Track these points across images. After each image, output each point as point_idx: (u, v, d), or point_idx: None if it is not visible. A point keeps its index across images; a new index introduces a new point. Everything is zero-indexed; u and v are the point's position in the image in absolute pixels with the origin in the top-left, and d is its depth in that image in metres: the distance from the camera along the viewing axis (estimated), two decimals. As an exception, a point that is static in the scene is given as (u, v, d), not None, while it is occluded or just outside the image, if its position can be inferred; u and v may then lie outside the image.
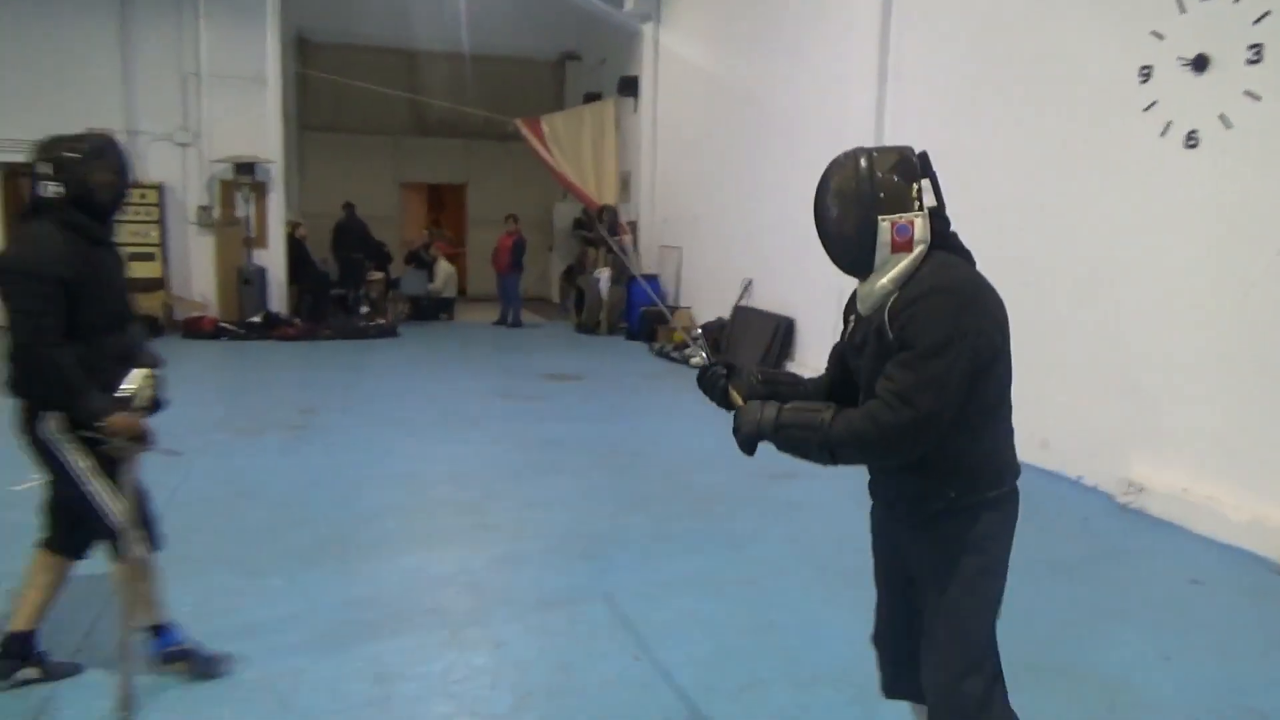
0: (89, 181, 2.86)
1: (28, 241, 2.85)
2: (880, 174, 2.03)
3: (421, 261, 14.71)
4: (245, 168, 12.48)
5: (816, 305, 9.23)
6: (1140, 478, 5.49)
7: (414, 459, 6.13)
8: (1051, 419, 6.14)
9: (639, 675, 3.28)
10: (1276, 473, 4.79)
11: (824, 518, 5.19)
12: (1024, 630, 3.73)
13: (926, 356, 1.90)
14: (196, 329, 11.97)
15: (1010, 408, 2.10)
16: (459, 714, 2.99)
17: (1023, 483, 2.14)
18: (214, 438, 6.42)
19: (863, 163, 2.05)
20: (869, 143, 7.89)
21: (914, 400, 1.89)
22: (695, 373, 2.43)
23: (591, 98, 15.72)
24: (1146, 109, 5.47)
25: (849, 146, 2.15)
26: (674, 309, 12.67)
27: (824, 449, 2.02)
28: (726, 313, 11.17)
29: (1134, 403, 5.62)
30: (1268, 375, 4.84)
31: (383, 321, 12.77)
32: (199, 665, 3.11)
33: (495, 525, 4.89)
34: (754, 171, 10.59)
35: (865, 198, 2.02)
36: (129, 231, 12.09)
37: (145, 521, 3.01)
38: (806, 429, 2.03)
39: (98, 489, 2.81)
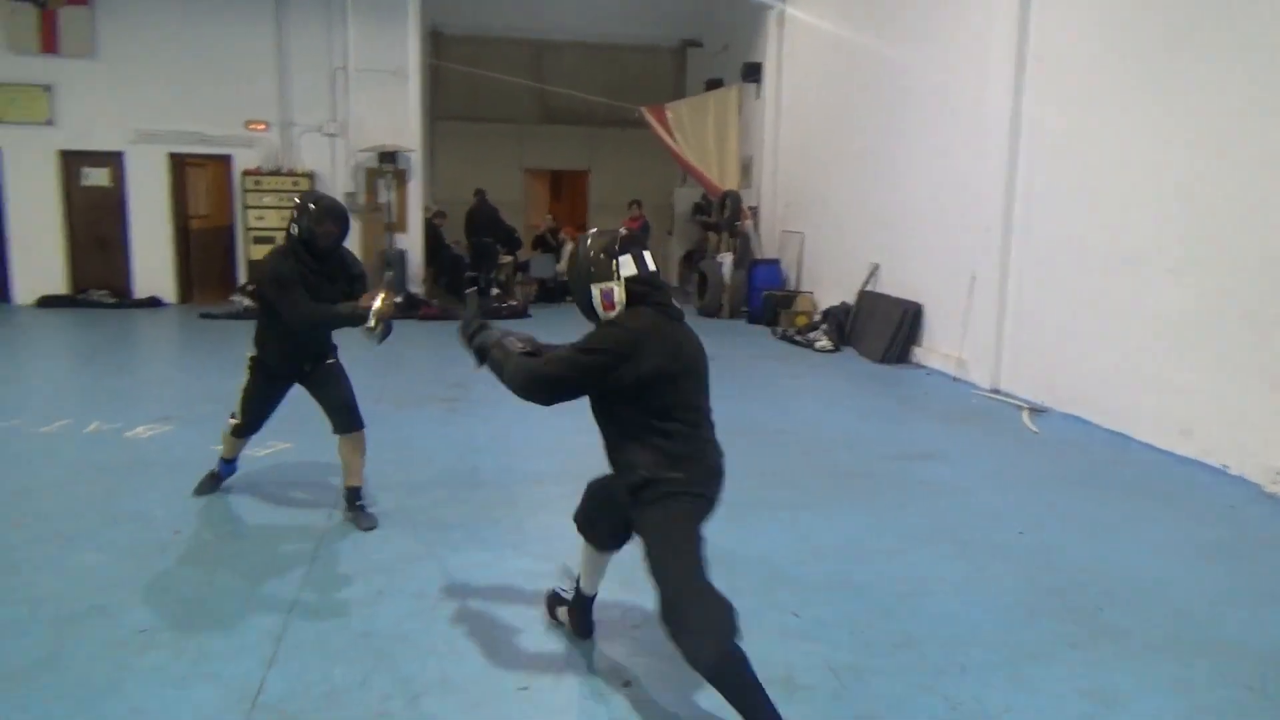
0: (309, 229, 4.37)
1: (273, 261, 4.43)
2: (591, 253, 2.91)
3: (549, 245, 15.22)
4: (388, 156, 13.18)
5: (946, 290, 9.26)
6: (1292, 466, 5.43)
7: (562, 432, 6.51)
8: (1196, 408, 6.10)
9: (800, 628, 3.55)
10: None
11: (963, 497, 5.33)
12: (1174, 608, 3.84)
13: (579, 349, 2.84)
14: (342, 309, 12.77)
15: (692, 422, 2.90)
16: (645, 675, 3.28)
17: (1162, 470, 2.32)
18: (376, 409, 6.95)
19: (584, 244, 2.96)
20: (1005, 127, 7.96)
21: (554, 366, 2.88)
22: (822, 356, 2.96)
23: (713, 84, 15.89)
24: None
25: (987, 130, 2.36)
26: (796, 293, 12.81)
27: (501, 368, 3.01)
28: (850, 297, 11.25)
29: (1286, 390, 5.55)
30: None
31: (514, 303, 13.32)
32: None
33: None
34: (883, 156, 10.62)
35: (582, 271, 2.93)
36: (281, 217, 12.96)
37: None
38: (501, 350, 3.08)
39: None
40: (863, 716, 2.97)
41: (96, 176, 12.91)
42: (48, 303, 12.68)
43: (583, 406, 3.03)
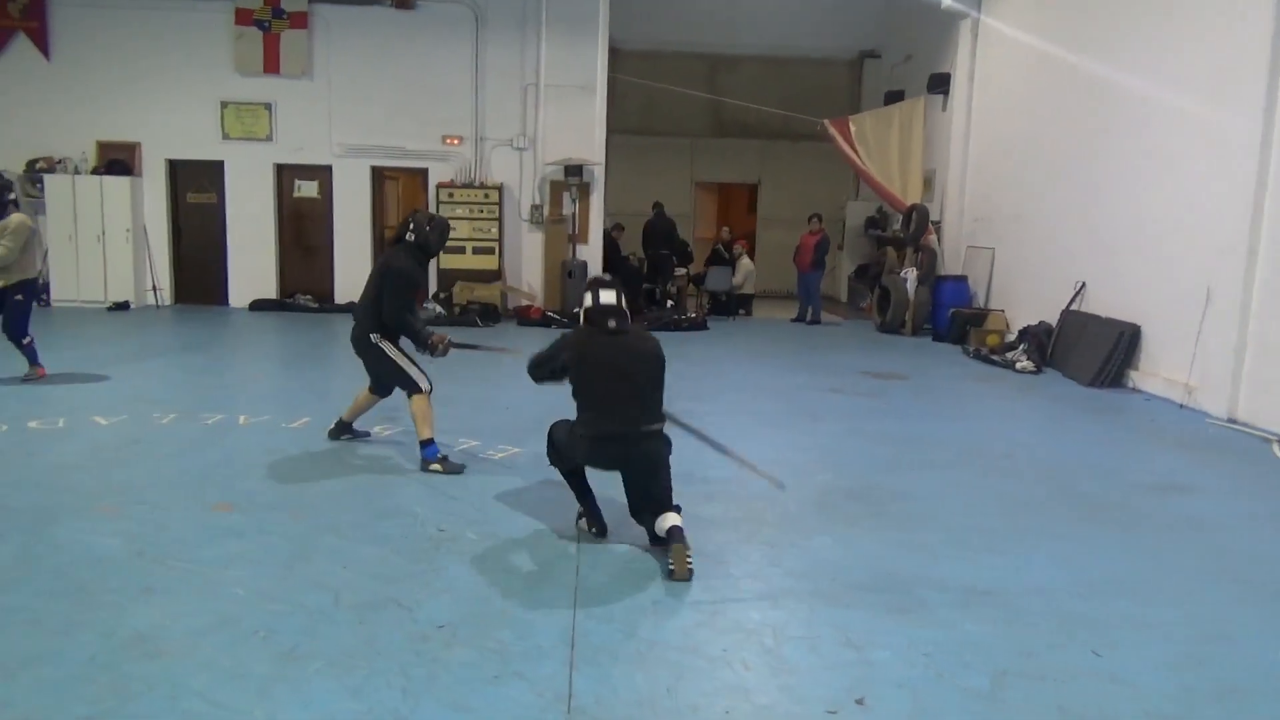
0: (429, 240, 5.76)
1: (402, 258, 5.67)
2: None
3: (723, 258, 15.22)
4: (573, 170, 13.50)
5: (1170, 312, 8.69)
6: None
7: (784, 447, 6.45)
8: None
9: (1106, 669, 3.34)
10: None
11: (1231, 535, 4.94)
12: None
13: (549, 344, 4.59)
14: (526, 316, 13.16)
15: (594, 401, 4.34)
16: (940, 687, 3.18)
17: None
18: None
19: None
20: (1253, 145, 7.39)
21: (536, 354, 4.58)
22: (1024, 377, 2.89)
23: (892, 96, 15.55)
24: None
25: (1231, 149, 2.10)
26: (987, 311, 12.33)
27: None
28: (1048, 316, 10.73)
29: None
30: None
31: (694, 315, 13.36)
32: (451, 467, 5.50)
33: (883, 513, 5.08)
34: (1095, 168, 10.10)
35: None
36: (473, 228, 13.52)
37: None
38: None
39: (404, 364, 5.76)
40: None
41: (307, 188, 13.78)
42: (258, 306, 13.60)
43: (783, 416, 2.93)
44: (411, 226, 5.72)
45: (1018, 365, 10.21)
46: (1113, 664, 3.37)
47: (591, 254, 14.02)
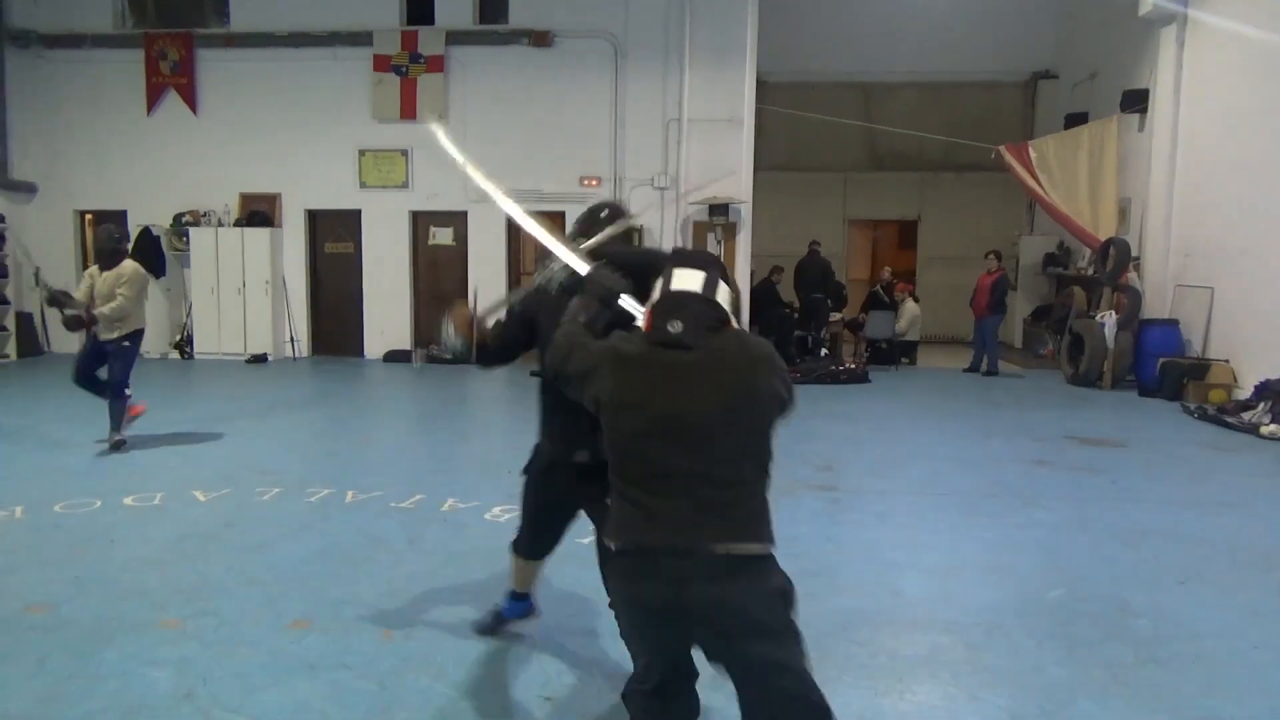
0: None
1: None
2: None
3: (884, 302, 13.82)
4: (719, 208, 12.49)
5: None
6: None
7: (996, 548, 5.10)
8: None
9: None
10: None
11: None
12: None
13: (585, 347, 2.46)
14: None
15: (636, 476, 2.24)
16: None
17: None
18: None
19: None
20: None
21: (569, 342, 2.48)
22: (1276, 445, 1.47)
23: (1074, 119, 13.85)
24: None
25: None
26: (1208, 362, 10.47)
27: None
28: (1292, 368, 8.87)
29: None
30: None
31: (853, 365, 12.03)
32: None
33: (1162, 661, 3.69)
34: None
35: None
36: (610, 273, 12.67)
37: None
38: None
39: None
40: None
41: (442, 235, 13.31)
42: (392, 357, 13.13)
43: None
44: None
45: (1263, 429, 8.39)
46: None
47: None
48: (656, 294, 2.33)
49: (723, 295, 2.31)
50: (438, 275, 13.49)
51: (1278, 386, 8.90)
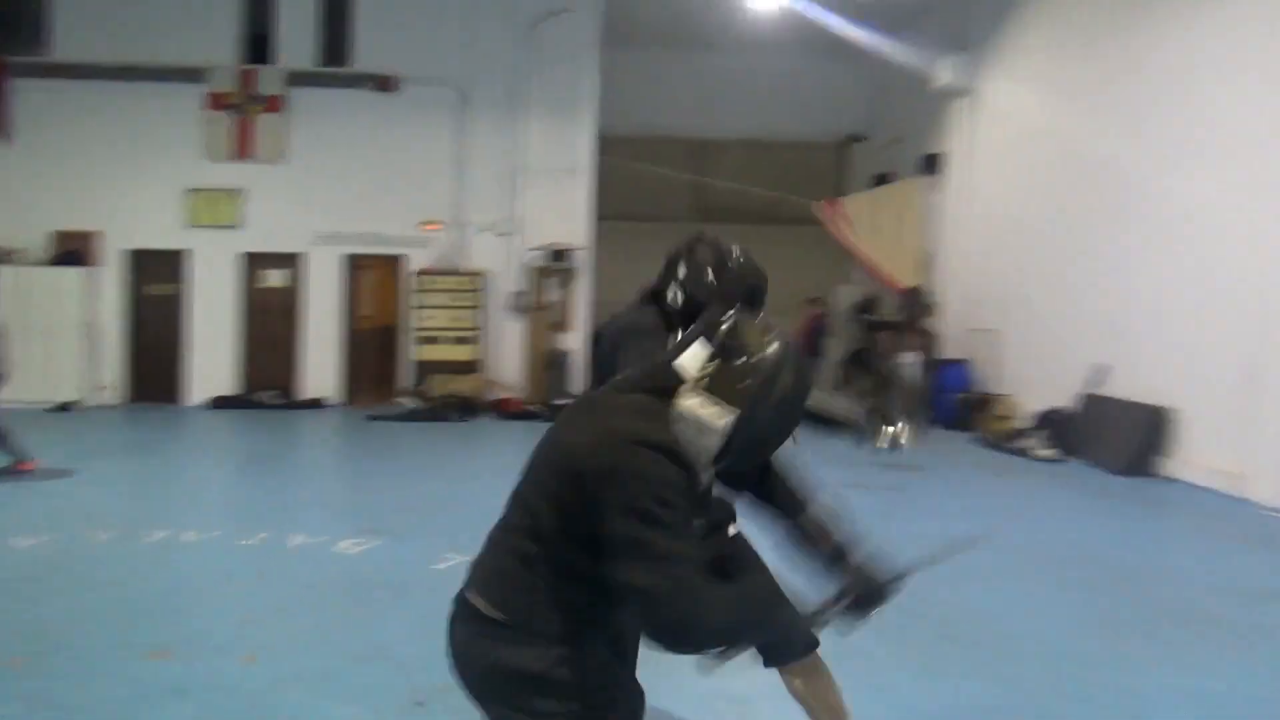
0: None
1: None
2: None
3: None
4: (558, 255, 12.93)
5: (1205, 391, 8.12)
6: None
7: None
8: None
9: None
10: None
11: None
12: None
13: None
14: (505, 409, 12.39)
15: None
16: None
17: None
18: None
19: None
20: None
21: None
22: (1046, 466, 1.98)
23: (881, 179, 15.26)
24: None
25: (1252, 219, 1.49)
26: (994, 396, 11.73)
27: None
28: (1062, 400, 10.12)
29: None
30: None
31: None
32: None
33: (959, 638, 4.29)
34: (1112, 245, 9.64)
35: None
36: (451, 317, 12.84)
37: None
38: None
39: None
40: None
41: (276, 278, 13.05)
42: (220, 403, 12.68)
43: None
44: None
45: (1036, 452, 9.54)
46: None
47: (576, 342, 13.35)
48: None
49: (691, 359, 1.75)
50: (269, 319, 13.19)
51: (1053, 417, 10.13)
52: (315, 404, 12.79)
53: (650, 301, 2.78)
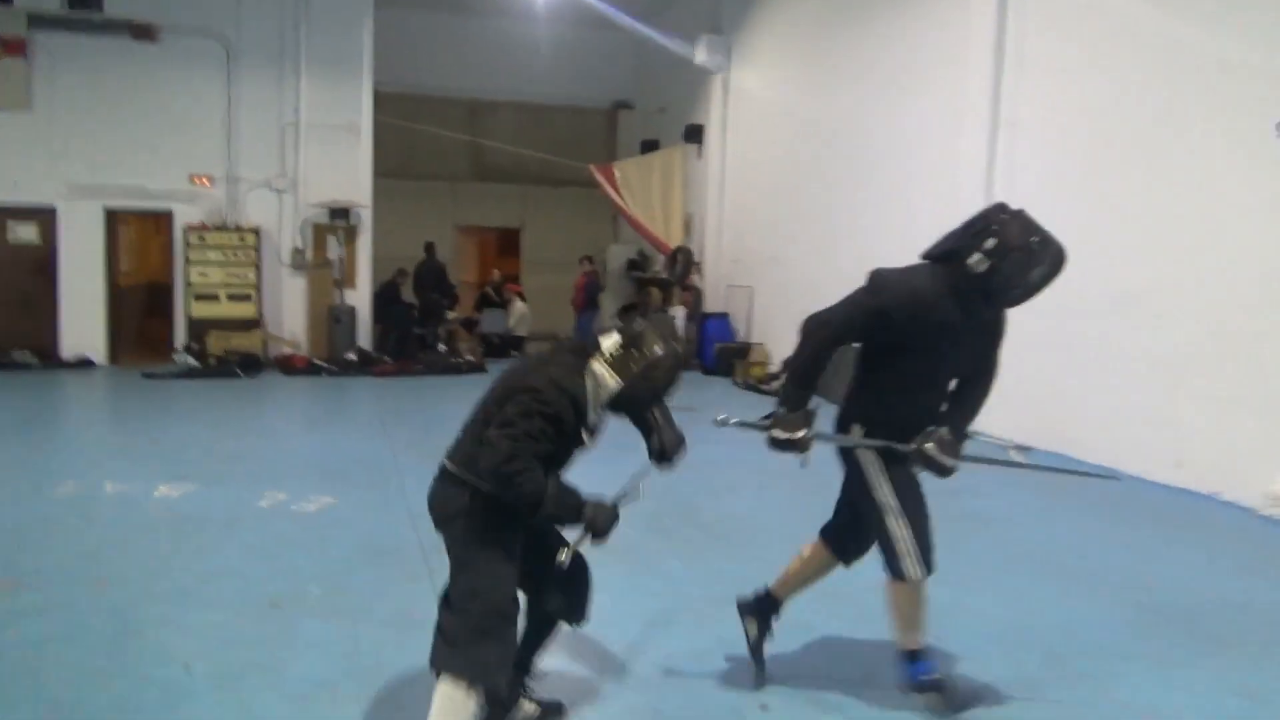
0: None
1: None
2: None
3: (493, 301, 15.23)
4: (339, 212, 13.01)
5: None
6: (1286, 489, 6.00)
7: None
8: (1186, 439, 6.67)
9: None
10: None
11: (1008, 527, 5.66)
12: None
13: None
14: (289, 366, 12.44)
15: None
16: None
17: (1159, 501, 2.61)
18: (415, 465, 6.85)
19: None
20: (982, 189, 8.55)
21: None
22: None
23: (649, 145, 16.34)
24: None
25: (963, 191, 2.51)
26: (749, 345, 13.22)
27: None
28: (807, 348, 11.67)
29: (1274, 419, 6.15)
30: None
31: (472, 359, 13.24)
32: (950, 698, 3.17)
33: (726, 536, 5.32)
34: (846, 209, 11.16)
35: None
36: (226, 273, 12.63)
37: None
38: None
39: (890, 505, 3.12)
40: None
41: (25, 233, 12.24)
42: (-29, 365, 11.82)
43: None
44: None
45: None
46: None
47: (361, 299, 13.53)
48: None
49: (607, 341, 2.79)
50: (20, 276, 12.36)
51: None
52: (84, 364, 12.21)
53: (940, 261, 3.08)
